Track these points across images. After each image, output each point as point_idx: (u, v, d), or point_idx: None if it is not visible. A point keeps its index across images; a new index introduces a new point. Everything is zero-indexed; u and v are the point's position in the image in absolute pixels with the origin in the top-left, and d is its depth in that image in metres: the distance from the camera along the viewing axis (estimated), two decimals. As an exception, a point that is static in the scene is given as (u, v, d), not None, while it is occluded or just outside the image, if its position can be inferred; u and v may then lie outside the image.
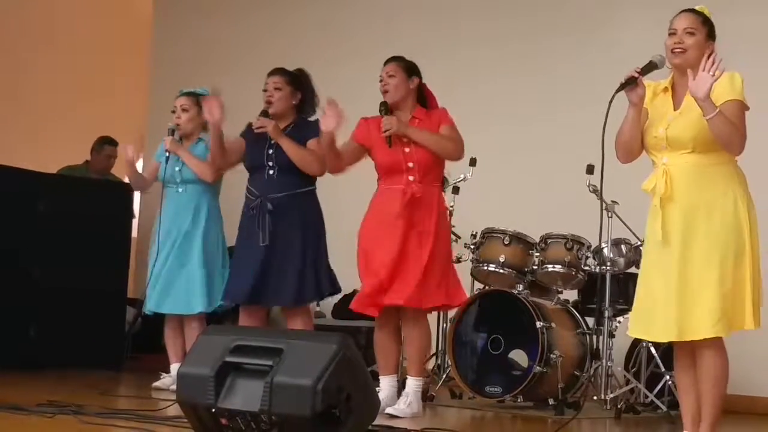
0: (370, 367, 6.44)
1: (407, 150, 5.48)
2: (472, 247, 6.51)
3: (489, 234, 6.48)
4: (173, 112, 6.43)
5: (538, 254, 6.38)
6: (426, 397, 6.08)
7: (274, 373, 3.75)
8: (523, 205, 7.39)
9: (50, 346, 7.18)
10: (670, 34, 4.22)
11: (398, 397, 5.49)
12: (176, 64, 9.27)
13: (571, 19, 7.73)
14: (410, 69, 5.60)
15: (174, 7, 9.55)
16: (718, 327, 4.05)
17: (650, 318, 4.20)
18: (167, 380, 6.21)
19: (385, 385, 5.52)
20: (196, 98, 6.39)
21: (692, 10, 4.25)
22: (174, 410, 4.52)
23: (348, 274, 5.91)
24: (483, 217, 6.77)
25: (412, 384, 5.46)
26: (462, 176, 6.70)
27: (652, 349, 6.18)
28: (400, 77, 5.55)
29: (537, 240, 6.42)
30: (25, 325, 7.11)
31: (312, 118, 5.97)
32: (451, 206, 6.69)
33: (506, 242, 6.40)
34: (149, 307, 6.36)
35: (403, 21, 8.38)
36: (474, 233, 6.55)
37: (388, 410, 5.27)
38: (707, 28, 4.21)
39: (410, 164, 5.47)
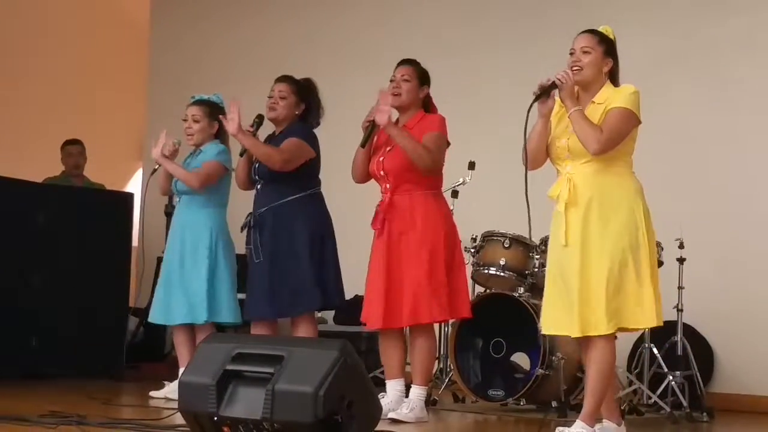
0: (371, 373, 6.46)
1: (381, 158, 5.43)
2: (472, 250, 6.50)
3: (489, 237, 6.48)
4: (185, 120, 6.24)
5: (538, 256, 6.36)
6: (429, 401, 6.07)
7: (275, 380, 3.76)
8: (522, 207, 7.34)
9: (52, 356, 7.17)
10: (570, 54, 4.57)
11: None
12: (174, 73, 9.26)
13: (574, 23, 7.65)
14: (423, 77, 5.51)
15: (171, 16, 9.53)
16: (611, 325, 4.36)
17: (555, 315, 4.51)
18: (164, 390, 6.11)
19: (391, 389, 5.49)
20: (208, 107, 6.22)
21: (590, 31, 4.58)
22: (177, 419, 4.51)
23: (347, 281, 5.89)
24: (483, 220, 6.75)
25: (416, 392, 5.42)
26: (461, 180, 6.69)
27: (655, 350, 6.19)
28: (414, 83, 5.46)
29: (537, 242, 6.41)
30: (26, 335, 7.10)
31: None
32: (451, 210, 6.68)
33: (506, 245, 6.39)
34: (150, 318, 6.31)
35: (402, 25, 8.36)
36: (474, 236, 6.54)
37: (391, 415, 5.25)
38: (604, 46, 4.55)
39: (381, 172, 5.43)
